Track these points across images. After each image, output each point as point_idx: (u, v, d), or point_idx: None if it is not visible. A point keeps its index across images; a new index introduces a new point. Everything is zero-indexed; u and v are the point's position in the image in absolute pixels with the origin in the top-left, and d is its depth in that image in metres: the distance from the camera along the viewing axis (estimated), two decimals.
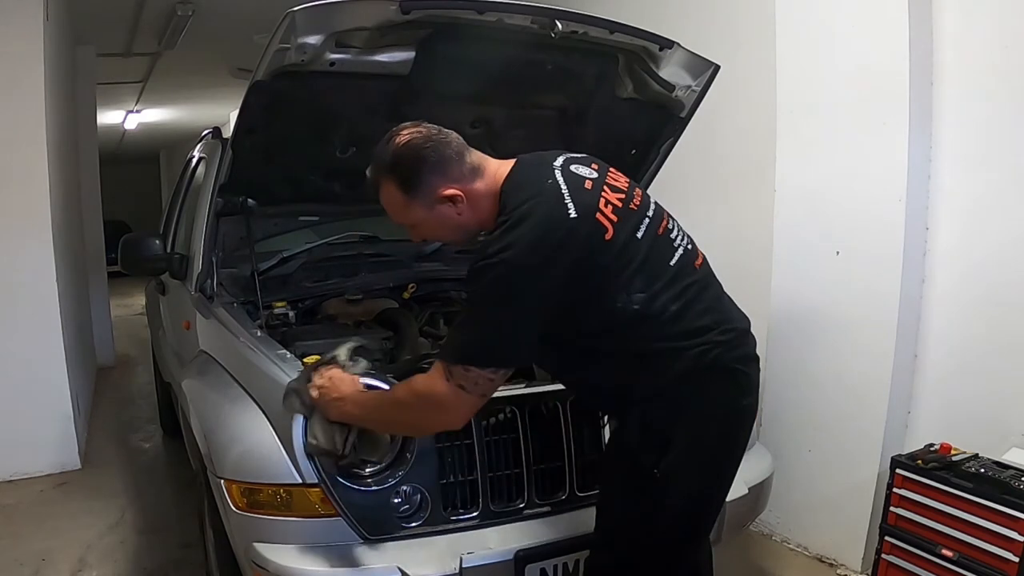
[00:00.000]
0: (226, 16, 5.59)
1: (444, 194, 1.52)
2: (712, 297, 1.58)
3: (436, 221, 1.57)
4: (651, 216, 1.56)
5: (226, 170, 2.34)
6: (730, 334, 1.54)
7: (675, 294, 1.50)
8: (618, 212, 1.49)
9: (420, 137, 1.55)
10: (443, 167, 1.52)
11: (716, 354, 1.50)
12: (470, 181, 1.54)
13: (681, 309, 1.49)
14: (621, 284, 1.47)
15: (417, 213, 1.57)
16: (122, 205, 13.57)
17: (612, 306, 1.47)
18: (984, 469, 2.20)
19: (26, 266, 3.76)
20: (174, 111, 10.53)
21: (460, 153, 1.55)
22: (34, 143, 3.73)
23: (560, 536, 1.83)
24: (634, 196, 1.57)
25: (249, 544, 1.79)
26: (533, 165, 1.57)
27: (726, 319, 1.56)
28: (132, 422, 4.92)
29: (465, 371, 1.42)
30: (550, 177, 1.51)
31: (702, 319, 1.51)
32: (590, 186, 1.51)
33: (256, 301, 2.37)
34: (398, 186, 1.56)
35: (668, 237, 1.57)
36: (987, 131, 2.40)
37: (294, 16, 1.90)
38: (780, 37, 2.86)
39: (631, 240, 1.49)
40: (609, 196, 1.52)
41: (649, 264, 1.50)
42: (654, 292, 1.48)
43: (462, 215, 1.55)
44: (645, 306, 1.47)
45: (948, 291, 2.51)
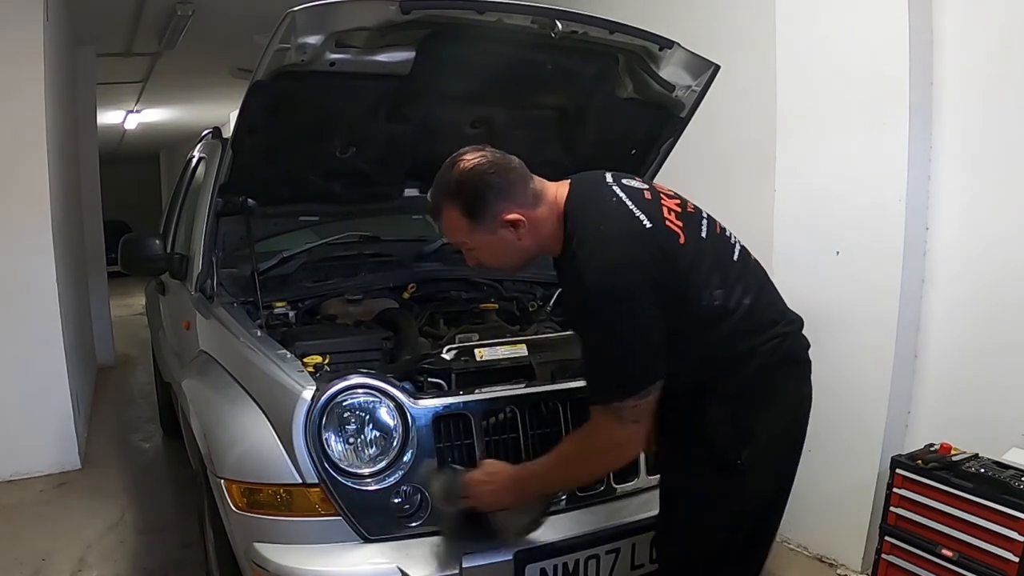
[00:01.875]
0: (226, 16, 5.59)
1: (508, 219, 1.54)
2: (771, 291, 1.65)
3: (498, 246, 1.59)
4: (707, 219, 1.62)
5: (226, 170, 2.34)
6: (792, 326, 1.62)
7: (744, 288, 1.56)
8: (681, 217, 1.56)
9: (485, 162, 1.56)
10: (508, 192, 1.54)
11: (786, 347, 1.57)
12: (533, 206, 1.56)
13: (752, 303, 1.55)
14: (702, 283, 1.52)
15: (480, 238, 1.59)
16: (122, 205, 13.56)
17: (699, 303, 1.51)
18: (984, 469, 2.20)
19: (26, 266, 3.76)
20: (174, 111, 10.53)
21: (524, 178, 1.58)
22: (34, 143, 3.73)
23: (560, 536, 1.83)
24: (687, 203, 1.63)
25: (249, 544, 1.79)
26: (590, 185, 1.60)
27: (785, 311, 1.64)
28: (132, 422, 4.92)
29: (634, 407, 1.45)
30: (612, 195, 1.54)
31: (768, 312, 1.59)
32: (649, 196, 1.57)
33: (256, 301, 2.37)
34: (462, 211, 1.56)
35: (725, 235, 1.64)
36: (987, 131, 2.40)
37: (294, 16, 1.90)
38: (780, 37, 2.85)
39: (699, 241, 1.56)
40: (668, 203, 1.58)
41: (719, 262, 1.57)
42: (729, 287, 1.54)
43: (522, 240, 1.57)
44: (724, 301, 1.53)
45: (948, 291, 2.51)
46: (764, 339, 1.54)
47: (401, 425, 1.80)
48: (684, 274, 1.50)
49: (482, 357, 2.01)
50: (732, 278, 1.56)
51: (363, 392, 1.80)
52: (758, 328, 1.55)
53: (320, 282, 2.58)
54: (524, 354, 2.05)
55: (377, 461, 1.78)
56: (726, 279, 1.55)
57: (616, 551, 1.86)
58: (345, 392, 1.78)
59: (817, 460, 2.79)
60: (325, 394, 1.75)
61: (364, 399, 1.80)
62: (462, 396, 1.88)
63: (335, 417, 1.77)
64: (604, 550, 1.85)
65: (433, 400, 1.85)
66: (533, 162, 2.80)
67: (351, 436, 1.79)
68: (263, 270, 2.52)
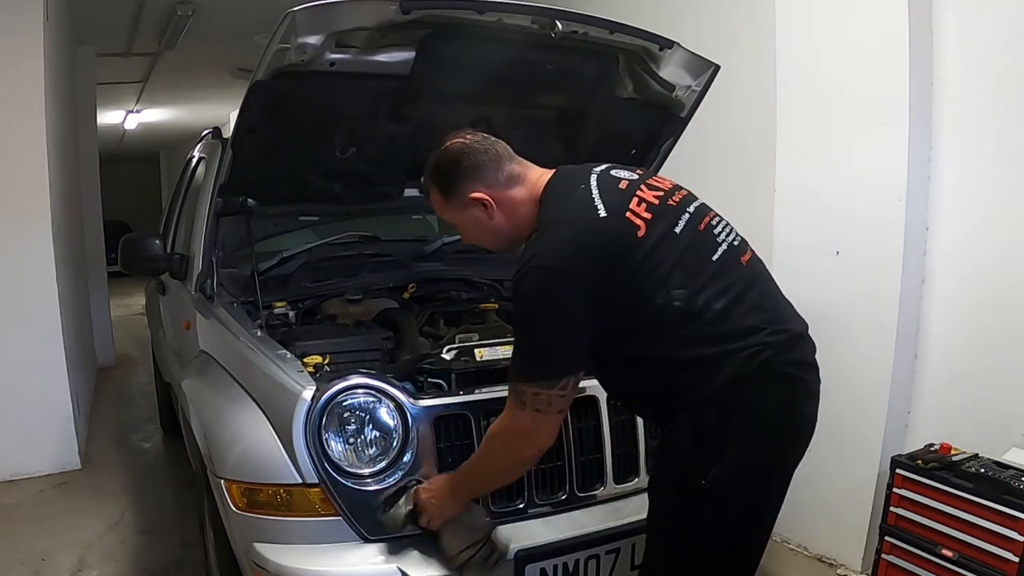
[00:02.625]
0: (226, 16, 5.58)
1: (473, 197, 1.59)
2: (760, 295, 1.51)
3: (470, 223, 1.64)
4: (691, 212, 1.55)
5: (226, 170, 2.34)
6: (781, 335, 1.46)
7: (718, 290, 1.46)
8: (653, 209, 1.50)
9: (460, 144, 1.62)
10: (476, 172, 1.59)
11: (766, 357, 1.42)
12: (505, 188, 1.59)
13: (726, 307, 1.45)
14: (659, 279, 1.44)
15: (453, 215, 1.66)
16: (122, 205, 13.55)
17: (652, 302, 1.44)
18: (984, 469, 2.20)
19: (26, 266, 3.75)
20: (174, 111, 10.53)
21: (497, 160, 1.61)
22: (34, 143, 3.73)
23: (560, 536, 1.83)
24: (674, 195, 1.57)
25: (249, 544, 1.79)
26: (570, 174, 1.60)
27: (777, 319, 1.49)
28: (132, 422, 4.92)
29: (535, 395, 1.44)
30: (583, 183, 1.54)
31: (749, 318, 1.45)
32: (625, 186, 1.54)
33: (256, 301, 2.37)
34: (439, 188, 1.65)
35: (711, 233, 1.54)
36: (987, 131, 2.40)
37: (294, 16, 1.90)
38: (780, 37, 2.85)
39: (667, 235, 1.48)
40: (645, 195, 1.52)
41: (688, 259, 1.47)
42: (695, 288, 1.45)
43: (493, 219, 1.61)
44: (687, 303, 1.44)
45: (948, 291, 2.51)
46: (737, 347, 1.42)
47: (401, 425, 1.80)
48: (636, 267, 1.44)
49: (482, 357, 2.01)
50: (702, 278, 1.46)
51: (363, 392, 1.80)
52: (730, 335, 1.43)
53: (320, 282, 2.58)
54: None
55: (377, 461, 1.78)
56: (692, 279, 1.45)
57: (616, 551, 1.86)
58: (345, 392, 1.78)
59: (817, 460, 2.78)
60: (325, 394, 1.75)
61: (364, 399, 1.80)
62: (462, 396, 1.89)
63: (335, 417, 1.77)
64: (604, 550, 1.85)
65: (433, 400, 1.85)
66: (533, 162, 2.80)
67: (351, 436, 1.79)
68: (263, 270, 2.52)
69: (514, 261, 2.77)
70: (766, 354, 1.42)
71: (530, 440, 1.51)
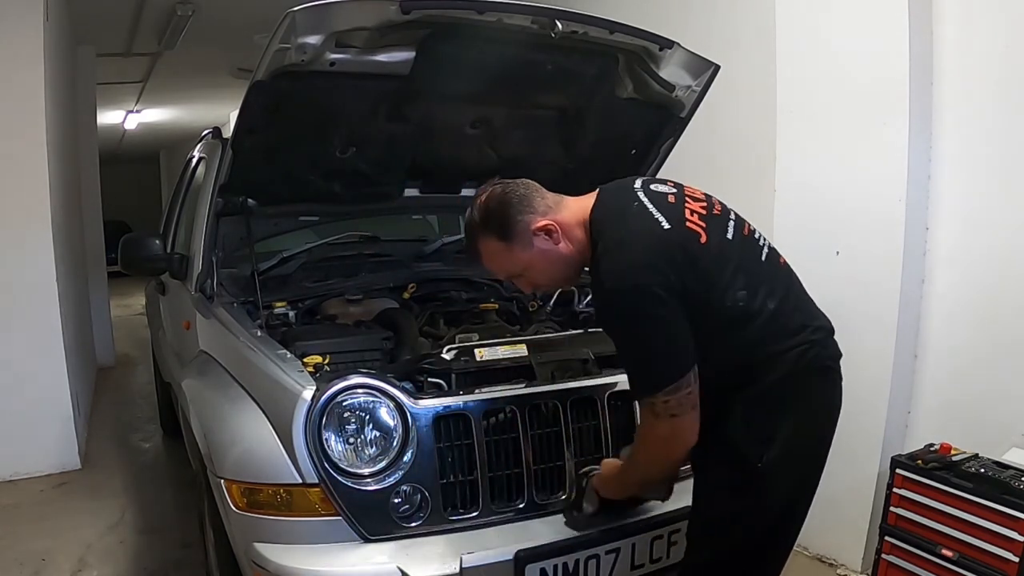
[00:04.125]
0: (226, 16, 5.59)
1: (538, 227, 1.60)
2: (798, 295, 1.63)
3: (540, 259, 1.63)
4: (734, 219, 1.62)
5: (226, 170, 2.34)
6: (821, 332, 1.58)
7: (769, 290, 1.55)
8: (704, 219, 1.56)
9: (498, 188, 1.66)
10: (527, 203, 1.62)
11: (814, 353, 1.54)
12: (556, 212, 1.62)
13: (778, 306, 1.54)
14: (726, 282, 1.52)
15: (520, 256, 1.64)
16: (122, 205, 13.56)
17: (722, 304, 1.51)
18: (984, 469, 2.20)
19: (26, 266, 3.76)
20: (174, 111, 10.53)
21: (538, 189, 1.66)
22: (34, 143, 3.73)
23: (560, 536, 1.83)
24: (714, 204, 1.63)
25: (249, 544, 1.79)
26: (614, 193, 1.64)
27: (814, 316, 1.61)
28: (132, 422, 4.92)
29: (665, 403, 1.49)
30: (635, 200, 1.57)
31: (796, 317, 1.56)
32: (673, 200, 1.59)
33: (256, 301, 2.36)
34: (496, 236, 1.63)
35: (753, 238, 1.63)
36: (987, 131, 2.40)
37: (294, 16, 1.90)
38: (780, 37, 2.86)
39: (723, 241, 1.56)
40: (692, 206, 1.58)
41: (745, 262, 1.56)
42: (754, 289, 1.53)
43: (560, 245, 1.62)
44: (748, 303, 1.52)
45: (948, 291, 2.51)
46: (789, 345, 1.53)
47: (401, 425, 1.80)
48: (705, 274, 1.51)
49: (482, 357, 2.01)
50: (757, 280, 1.55)
51: (363, 392, 1.80)
52: (783, 333, 1.53)
53: (320, 282, 2.58)
54: (524, 354, 2.05)
55: (377, 461, 1.78)
56: (750, 281, 1.54)
57: (616, 551, 1.86)
58: (345, 392, 1.78)
59: None
60: (325, 394, 1.75)
61: (364, 399, 1.80)
62: (462, 396, 1.88)
63: (335, 417, 1.77)
64: (604, 550, 1.85)
65: (433, 400, 1.85)
66: (533, 162, 2.80)
67: (351, 436, 1.79)
68: (263, 270, 2.52)
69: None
70: (813, 351, 1.54)
71: (673, 443, 1.55)
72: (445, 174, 2.77)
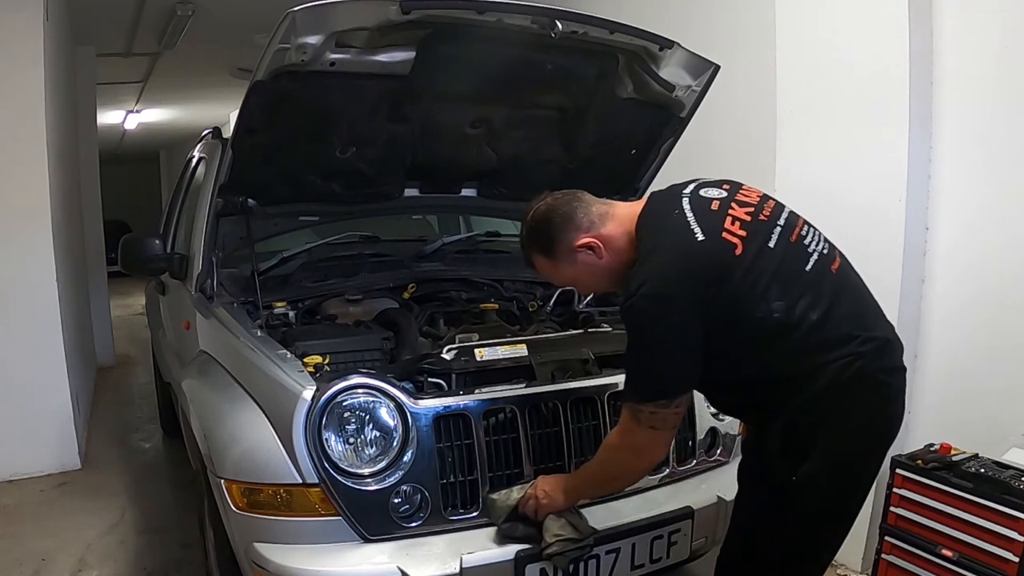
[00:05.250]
0: (226, 16, 5.59)
1: (580, 244, 1.63)
2: (852, 302, 1.56)
3: (584, 272, 1.67)
4: (782, 225, 1.57)
5: (226, 170, 2.34)
6: (871, 344, 1.51)
7: (813, 300, 1.50)
8: (746, 227, 1.53)
9: (543, 205, 1.68)
10: (569, 221, 1.63)
11: (859, 366, 1.47)
12: (601, 227, 1.63)
13: (821, 317, 1.49)
14: (758, 294, 1.49)
15: (566, 272, 1.69)
16: (122, 205, 13.56)
17: (754, 317, 1.49)
18: (984, 469, 2.20)
19: (26, 266, 3.76)
20: (174, 111, 10.53)
21: (585, 204, 1.66)
22: (34, 143, 3.73)
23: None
24: (764, 208, 1.59)
25: (249, 544, 1.79)
26: (662, 199, 1.64)
27: (867, 326, 1.54)
28: (132, 422, 4.92)
29: (652, 414, 1.51)
30: (676, 208, 1.57)
31: (843, 327, 1.50)
32: (716, 207, 1.56)
33: (256, 301, 2.36)
34: (541, 253, 1.69)
35: (801, 244, 1.57)
36: (987, 131, 2.40)
37: (294, 16, 1.90)
38: (780, 37, 2.85)
39: (763, 251, 1.52)
40: (737, 212, 1.55)
41: (784, 272, 1.51)
42: (792, 300, 1.49)
43: (604, 259, 1.64)
44: (785, 314, 1.48)
45: (948, 291, 2.51)
46: (832, 357, 1.47)
47: (401, 425, 1.80)
48: (737, 286, 1.49)
49: (482, 357, 2.01)
50: (798, 290, 1.50)
51: (363, 392, 1.80)
52: (826, 344, 1.48)
53: (320, 282, 2.58)
54: (524, 354, 2.05)
55: (377, 461, 1.78)
56: (788, 290, 1.49)
57: (616, 551, 1.86)
58: (345, 392, 1.78)
59: None
60: (325, 394, 1.75)
61: (364, 399, 1.80)
62: (462, 396, 1.89)
63: (335, 417, 1.77)
64: (604, 550, 1.85)
65: (433, 400, 1.85)
66: (533, 162, 2.80)
67: (351, 436, 1.79)
68: (263, 270, 2.52)
69: (512, 261, 2.80)
70: (858, 364, 1.47)
71: (643, 455, 1.60)
72: (445, 174, 2.77)
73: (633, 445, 1.58)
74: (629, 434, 1.57)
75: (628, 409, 1.56)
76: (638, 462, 1.64)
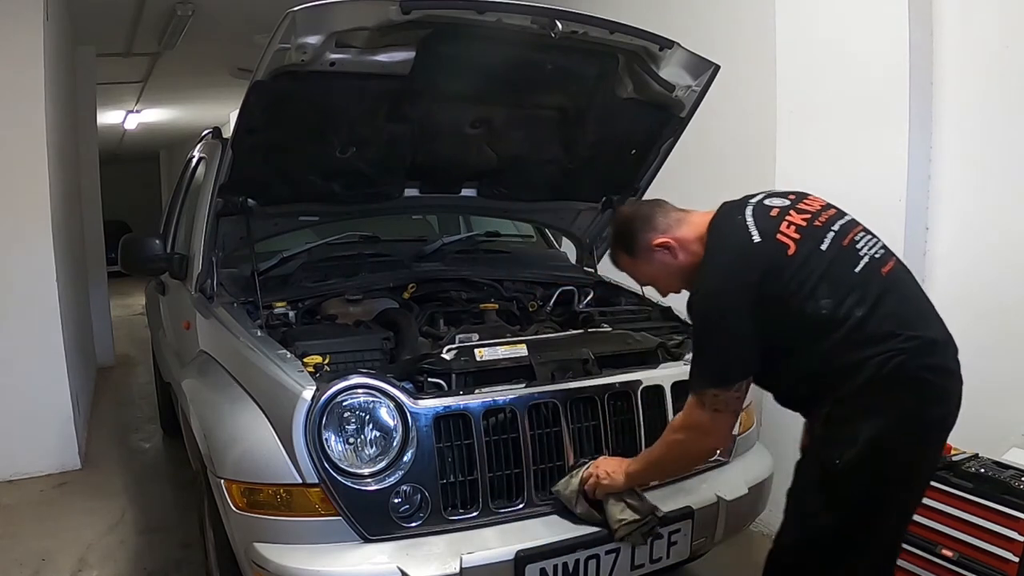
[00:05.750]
0: (226, 16, 5.59)
1: (656, 243, 1.79)
2: (898, 302, 1.64)
3: (661, 270, 1.83)
4: (836, 230, 1.69)
5: (226, 170, 2.34)
6: (915, 341, 1.58)
7: (859, 298, 1.60)
8: (801, 230, 1.67)
9: (629, 209, 1.91)
10: (648, 223, 1.81)
11: (899, 362, 1.55)
12: (676, 230, 1.80)
13: (866, 315, 1.59)
14: (808, 291, 1.61)
15: (645, 269, 1.86)
16: (122, 205, 13.56)
17: (803, 312, 1.61)
18: (984, 469, 2.19)
19: (26, 266, 3.76)
20: (174, 111, 10.53)
21: (664, 210, 1.84)
22: (34, 143, 3.73)
23: (560, 536, 1.83)
24: (821, 215, 1.72)
25: (249, 544, 1.79)
26: (730, 207, 1.77)
27: (911, 325, 1.61)
28: (132, 422, 4.92)
29: (715, 396, 1.65)
30: (740, 214, 1.72)
31: (886, 325, 1.59)
32: (776, 213, 1.71)
33: (256, 301, 2.36)
34: (624, 251, 1.87)
35: (853, 248, 1.68)
36: (987, 131, 2.39)
37: (294, 16, 1.90)
38: (780, 37, 2.85)
39: (814, 252, 1.64)
40: (794, 218, 1.69)
41: (833, 272, 1.63)
42: (839, 298, 1.60)
43: (679, 259, 1.79)
44: (832, 311, 1.59)
45: (948, 291, 2.50)
46: (872, 353, 1.56)
47: (401, 425, 1.80)
48: (787, 282, 1.62)
49: (482, 357, 2.01)
50: (845, 289, 1.61)
51: (363, 392, 1.80)
52: (868, 341, 1.57)
53: (320, 282, 2.58)
54: (524, 354, 2.05)
55: (377, 461, 1.79)
56: (837, 289, 1.61)
57: (616, 551, 1.86)
58: (345, 392, 1.78)
59: None
60: (325, 394, 1.75)
61: (364, 399, 1.80)
62: (462, 396, 1.89)
63: (335, 417, 1.77)
64: (604, 550, 1.85)
65: (433, 400, 1.86)
66: (533, 162, 2.80)
67: (351, 436, 1.79)
68: (263, 270, 2.52)
69: (512, 261, 2.81)
70: (899, 359, 1.56)
71: (706, 436, 1.72)
72: (445, 174, 2.77)
73: (699, 426, 1.69)
74: (694, 417, 1.68)
75: (693, 395, 1.69)
76: (703, 442, 1.75)
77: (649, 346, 2.25)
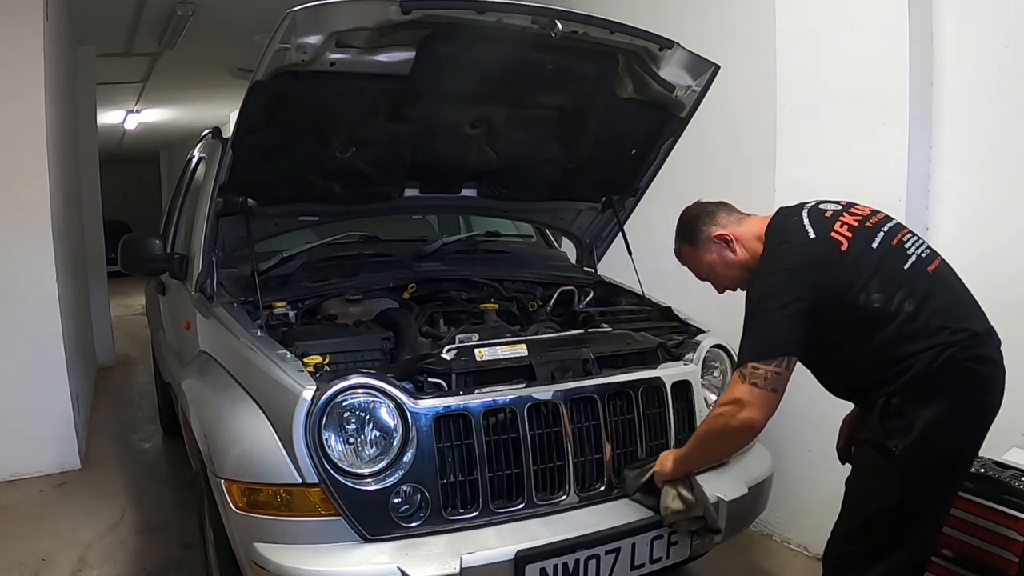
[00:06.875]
0: (226, 16, 5.59)
1: (715, 235, 1.93)
2: (944, 297, 1.75)
3: (719, 262, 1.95)
4: (885, 231, 1.81)
5: (226, 170, 2.34)
6: (961, 334, 1.68)
7: (908, 294, 1.71)
8: (853, 230, 1.79)
9: (695, 206, 2.03)
10: (710, 217, 1.96)
11: (949, 354, 1.66)
12: (736, 227, 1.94)
13: (916, 309, 1.69)
14: (860, 285, 1.72)
15: (704, 258, 1.97)
16: (122, 205, 13.57)
17: (856, 305, 1.71)
18: (984, 469, 2.19)
19: (26, 266, 3.76)
20: (174, 111, 10.53)
21: (727, 208, 1.99)
22: (34, 143, 3.73)
23: (560, 536, 1.83)
24: (872, 218, 1.84)
25: (249, 544, 1.79)
26: (787, 211, 1.90)
27: (958, 319, 1.71)
28: (132, 422, 4.92)
29: (754, 369, 1.72)
30: (796, 216, 1.85)
31: (935, 318, 1.69)
32: (829, 215, 1.84)
33: (256, 301, 2.36)
34: (687, 243, 2.00)
35: (902, 247, 1.79)
36: (987, 131, 2.40)
37: (294, 16, 1.90)
38: (780, 37, 2.85)
39: (865, 250, 1.76)
40: (846, 219, 1.82)
41: (883, 269, 1.74)
42: (890, 293, 1.71)
43: (737, 253, 1.92)
44: (883, 305, 1.70)
45: None
46: (924, 346, 1.66)
47: (401, 425, 1.80)
48: (840, 276, 1.73)
49: (482, 357, 2.01)
50: (895, 284, 1.71)
51: (363, 392, 1.80)
52: (919, 334, 1.67)
53: (320, 282, 2.58)
54: (524, 354, 2.05)
55: (377, 461, 1.79)
56: (887, 285, 1.71)
57: (616, 551, 1.87)
58: (345, 392, 1.78)
59: (817, 460, 2.79)
60: (325, 394, 1.76)
61: (364, 399, 1.80)
62: (462, 396, 1.89)
63: (335, 417, 1.77)
64: (604, 550, 1.85)
65: (433, 400, 1.86)
66: (533, 162, 2.80)
67: (351, 436, 1.79)
68: (263, 270, 2.52)
69: (512, 261, 2.80)
70: (949, 351, 1.66)
71: (742, 408, 1.74)
72: (445, 174, 2.77)
73: (736, 399, 1.74)
74: (733, 390, 1.75)
75: (736, 372, 1.76)
76: (740, 415, 1.75)
77: (649, 346, 2.25)
